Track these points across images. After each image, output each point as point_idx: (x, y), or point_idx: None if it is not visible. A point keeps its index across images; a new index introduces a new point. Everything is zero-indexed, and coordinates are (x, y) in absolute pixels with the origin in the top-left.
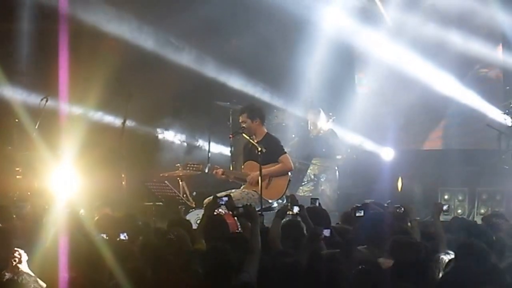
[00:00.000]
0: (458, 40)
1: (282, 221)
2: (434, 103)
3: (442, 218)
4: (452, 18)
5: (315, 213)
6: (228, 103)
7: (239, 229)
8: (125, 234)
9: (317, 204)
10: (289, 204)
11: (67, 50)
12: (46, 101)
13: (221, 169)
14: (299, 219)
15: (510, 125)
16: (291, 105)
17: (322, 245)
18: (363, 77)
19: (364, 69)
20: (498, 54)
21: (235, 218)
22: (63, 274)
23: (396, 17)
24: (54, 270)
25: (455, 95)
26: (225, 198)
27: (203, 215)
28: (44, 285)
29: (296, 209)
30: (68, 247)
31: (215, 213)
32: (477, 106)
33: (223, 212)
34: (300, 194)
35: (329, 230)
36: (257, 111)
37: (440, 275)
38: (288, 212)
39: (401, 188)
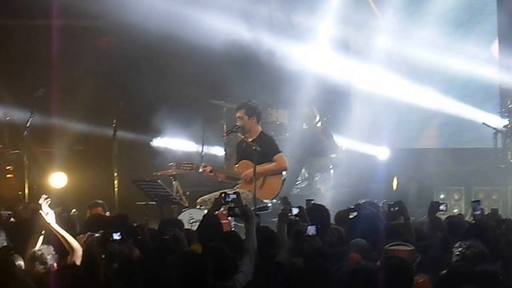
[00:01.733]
0: (453, 39)
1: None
2: (428, 101)
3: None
4: (448, 17)
5: (317, 212)
6: (222, 101)
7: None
8: (118, 233)
9: None
10: (288, 206)
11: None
12: (42, 95)
13: (209, 167)
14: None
15: (506, 123)
16: (285, 104)
17: (318, 242)
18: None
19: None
20: (493, 52)
21: (229, 218)
22: (55, 273)
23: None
24: (45, 269)
25: (450, 94)
26: (233, 195)
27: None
28: None
29: (295, 211)
30: (59, 247)
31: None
32: (473, 105)
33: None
34: (294, 193)
35: (314, 227)
36: (255, 108)
37: None
38: (288, 214)
39: (397, 188)
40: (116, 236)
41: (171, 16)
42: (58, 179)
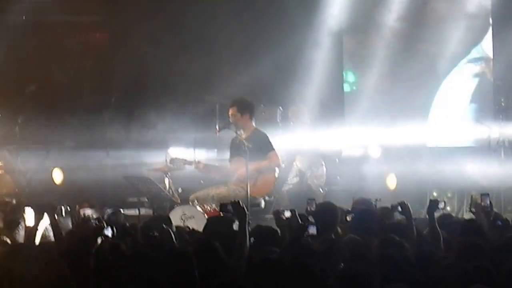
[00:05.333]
0: (447, 36)
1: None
2: (423, 99)
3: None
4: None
5: (326, 210)
6: (215, 97)
7: None
8: (110, 230)
9: (313, 205)
10: (280, 210)
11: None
12: (32, 90)
13: (203, 163)
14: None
15: (500, 121)
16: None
17: (309, 241)
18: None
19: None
20: (488, 49)
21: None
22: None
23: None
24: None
25: (445, 91)
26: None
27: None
28: None
29: (287, 214)
30: (49, 244)
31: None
32: (467, 102)
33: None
34: (285, 189)
35: (315, 227)
36: (248, 105)
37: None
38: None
39: (396, 186)
40: (108, 232)
41: None
42: (55, 176)
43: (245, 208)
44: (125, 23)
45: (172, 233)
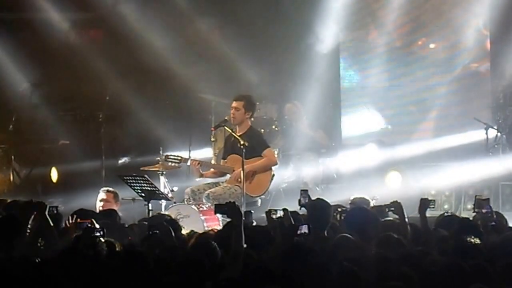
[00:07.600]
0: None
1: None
2: (423, 97)
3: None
4: (441, 13)
5: (319, 207)
6: (211, 96)
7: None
8: (101, 231)
9: (306, 197)
10: (271, 210)
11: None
12: (29, 87)
13: (198, 160)
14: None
15: (497, 118)
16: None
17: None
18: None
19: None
20: (486, 47)
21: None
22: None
23: None
24: None
25: (445, 89)
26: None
27: None
28: None
29: (280, 213)
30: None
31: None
32: (466, 100)
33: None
34: (282, 187)
35: (306, 226)
36: (254, 105)
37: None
38: (272, 216)
39: (394, 184)
40: (98, 234)
41: None
42: (52, 174)
43: (240, 209)
44: (121, 21)
45: (172, 231)
